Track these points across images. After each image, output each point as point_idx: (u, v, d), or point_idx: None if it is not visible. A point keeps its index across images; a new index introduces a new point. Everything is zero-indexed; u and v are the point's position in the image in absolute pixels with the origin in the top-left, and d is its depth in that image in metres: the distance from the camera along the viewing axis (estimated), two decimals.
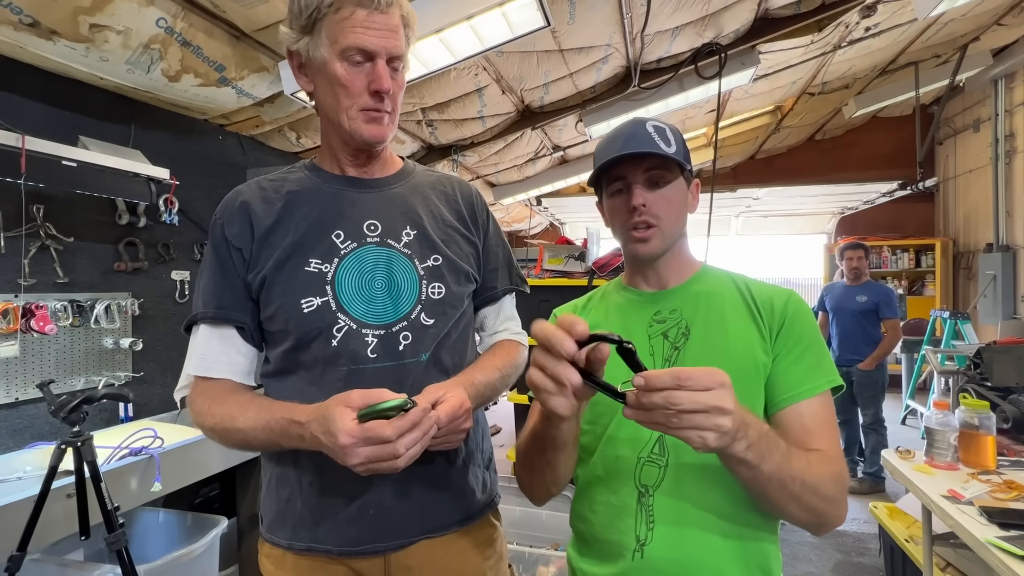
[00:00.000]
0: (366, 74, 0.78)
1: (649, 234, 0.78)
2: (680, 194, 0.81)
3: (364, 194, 0.87)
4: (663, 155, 0.76)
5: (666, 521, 0.73)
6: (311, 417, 0.69)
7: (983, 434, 1.56)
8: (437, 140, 3.48)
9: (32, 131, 1.68)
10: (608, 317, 0.86)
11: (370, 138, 0.82)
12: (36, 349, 1.84)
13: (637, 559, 0.73)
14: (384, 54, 0.78)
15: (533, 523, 2.35)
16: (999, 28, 4.17)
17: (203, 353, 0.82)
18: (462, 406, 0.75)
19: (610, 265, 2.52)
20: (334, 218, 0.84)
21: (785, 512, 0.67)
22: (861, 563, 2.65)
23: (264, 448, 0.79)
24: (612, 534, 0.76)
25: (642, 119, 0.81)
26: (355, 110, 0.79)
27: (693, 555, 0.72)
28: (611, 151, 0.78)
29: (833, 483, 0.67)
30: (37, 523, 1.27)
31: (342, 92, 0.79)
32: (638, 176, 0.78)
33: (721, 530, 0.72)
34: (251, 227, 0.82)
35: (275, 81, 2.07)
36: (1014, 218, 4.79)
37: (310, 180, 0.88)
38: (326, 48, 0.77)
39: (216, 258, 0.83)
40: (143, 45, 1.70)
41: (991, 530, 1.20)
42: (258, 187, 0.87)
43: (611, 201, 0.83)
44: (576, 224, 7.58)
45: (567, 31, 2.45)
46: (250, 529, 2.20)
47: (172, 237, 2.32)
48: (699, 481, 0.73)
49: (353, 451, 0.65)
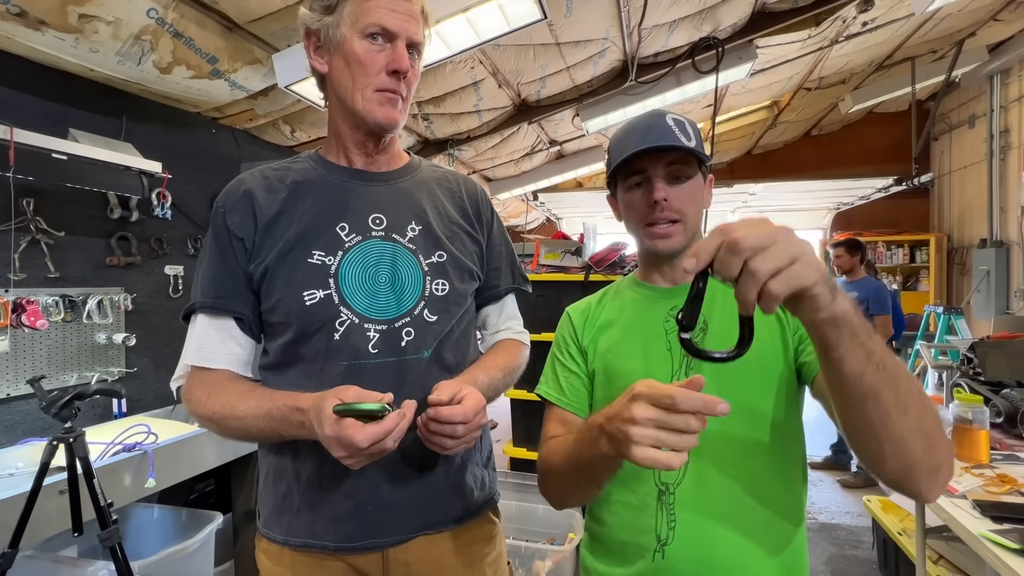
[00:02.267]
0: (386, 54, 0.78)
1: (672, 230, 0.77)
2: (699, 189, 0.80)
3: (370, 187, 0.86)
4: (686, 149, 0.74)
5: (688, 520, 0.71)
6: (311, 404, 0.69)
7: (977, 428, 1.56)
8: (433, 134, 3.46)
9: (21, 123, 1.66)
10: (624, 313, 0.85)
11: (383, 120, 0.81)
12: (27, 344, 1.82)
13: (658, 559, 0.72)
14: (405, 37, 0.79)
15: (530, 518, 2.36)
16: (995, 24, 4.17)
17: (201, 343, 0.81)
18: (480, 403, 0.75)
19: (607, 260, 2.52)
20: (339, 210, 0.83)
21: (900, 432, 0.52)
22: (854, 556, 2.67)
23: (262, 437, 0.78)
24: (631, 534, 0.75)
25: (661, 111, 0.79)
26: (370, 90, 0.79)
27: (716, 554, 0.70)
28: (630, 143, 0.75)
29: (937, 419, 0.55)
30: (29, 520, 1.26)
31: (359, 70, 0.78)
32: (659, 170, 0.76)
33: (745, 528, 0.70)
34: (254, 217, 0.81)
35: (269, 74, 2.04)
36: (1008, 214, 4.82)
37: (315, 171, 0.86)
38: (347, 27, 0.78)
39: (216, 247, 0.82)
40: (134, 36, 1.67)
41: (984, 523, 1.20)
42: (262, 176, 0.85)
43: (628, 195, 0.80)
44: (573, 219, 7.58)
45: (564, 24, 2.44)
46: (246, 524, 2.19)
47: (165, 231, 2.30)
48: (721, 478, 0.71)
49: (334, 444, 0.66)
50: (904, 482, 0.57)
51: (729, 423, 0.71)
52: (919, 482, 0.56)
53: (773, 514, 0.71)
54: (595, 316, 0.87)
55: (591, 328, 0.86)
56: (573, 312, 0.90)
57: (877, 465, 0.56)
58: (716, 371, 0.70)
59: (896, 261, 6.24)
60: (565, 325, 0.89)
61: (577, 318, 0.88)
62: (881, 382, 0.50)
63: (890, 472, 0.56)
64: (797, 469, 0.75)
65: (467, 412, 0.72)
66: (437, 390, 0.74)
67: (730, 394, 0.72)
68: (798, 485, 0.75)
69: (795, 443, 0.75)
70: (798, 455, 0.76)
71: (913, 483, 0.56)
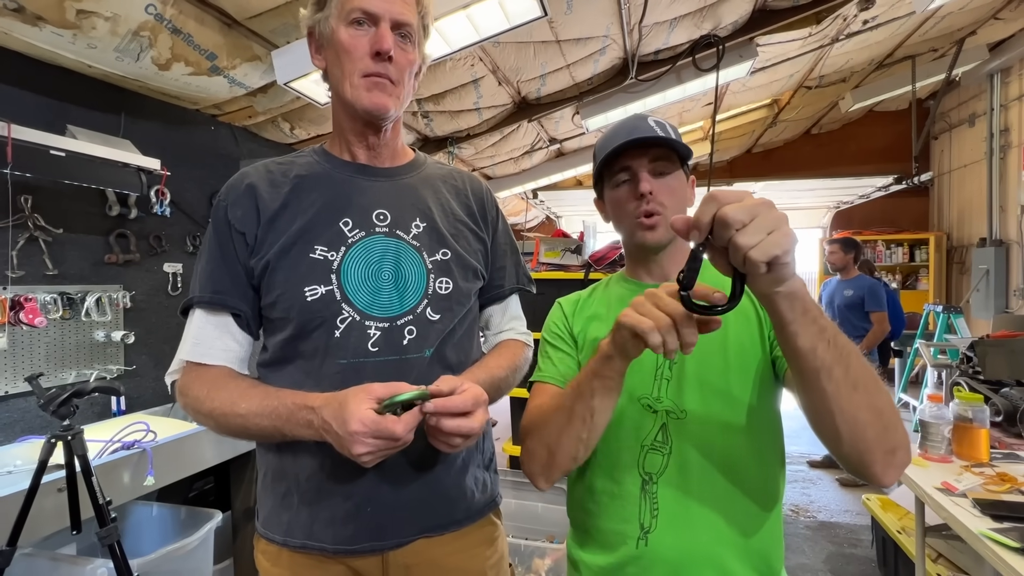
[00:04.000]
0: (369, 38, 0.77)
1: (656, 221, 0.79)
2: (682, 185, 0.83)
3: (374, 182, 0.86)
4: (668, 142, 0.78)
5: (671, 509, 0.74)
6: (325, 402, 0.68)
7: (977, 427, 1.56)
8: (433, 132, 3.45)
9: (19, 119, 1.65)
10: (611, 308, 0.86)
11: (370, 106, 0.78)
12: (26, 342, 1.81)
13: (641, 547, 0.74)
14: (388, 17, 0.77)
15: (529, 516, 2.36)
16: (996, 22, 4.17)
17: (197, 338, 0.79)
18: (480, 397, 0.73)
19: (607, 258, 2.51)
20: (343, 205, 0.82)
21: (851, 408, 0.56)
22: (853, 554, 2.67)
23: (262, 436, 0.76)
24: (615, 523, 0.77)
25: (642, 114, 0.83)
26: (357, 76, 0.78)
27: (699, 542, 0.73)
28: (615, 142, 0.79)
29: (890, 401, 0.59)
30: (27, 517, 1.26)
31: (345, 58, 0.78)
32: (643, 165, 0.80)
33: (725, 516, 0.73)
34: (257, 211, 0.80)
35: (268, 70, 2.03)
36: (1008, 213, 4.82)
37: (319, 165, 0.86)
38: (335, 18, 0.78)
39: (217, 241, 0.81)
40: (132, 32, 1.66)
41: (984, 522, 1.20)
42: (265, 170, 0.85)
43: (615, 192, 0.83)
44: (572, 217, 7.57)
45: (564, 21, 2.43)
46: (245, 523, 2.19)
47: (164, 229, 2.29)
48: (703, 468, 0.74)
49: (361, 440, 0.64)
50: (860, 464, 0.60)
51: (710, 407, 0.75)
52: (875, 463, 0.59)
53: (752, 500, 0.74)
54: (584, 308, 0.90)
55: (581, 318, 0.88)
56: (564, 303, 0.93)
57: (835, 446, 0.60)
58: (698, 360, 0.76)
59: (896, 260, 6.24)
60: (556, 314, 0.92)
61: (568, 308, 0.91)
62: (833, 358, 0.55)
63: (847, 452, 0.59)
64: (774, 453, 0.78)
65: (466, 402, 0.70)
66: (438, 382, 0.73)
67: (710, 380, 0.76)
68: (775, 468, 0.78)
69: (772, 427, 0.79)
70: (776, 440, 0.79)
71: (870, 464, 0.59)
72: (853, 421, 0.57)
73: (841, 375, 0.56)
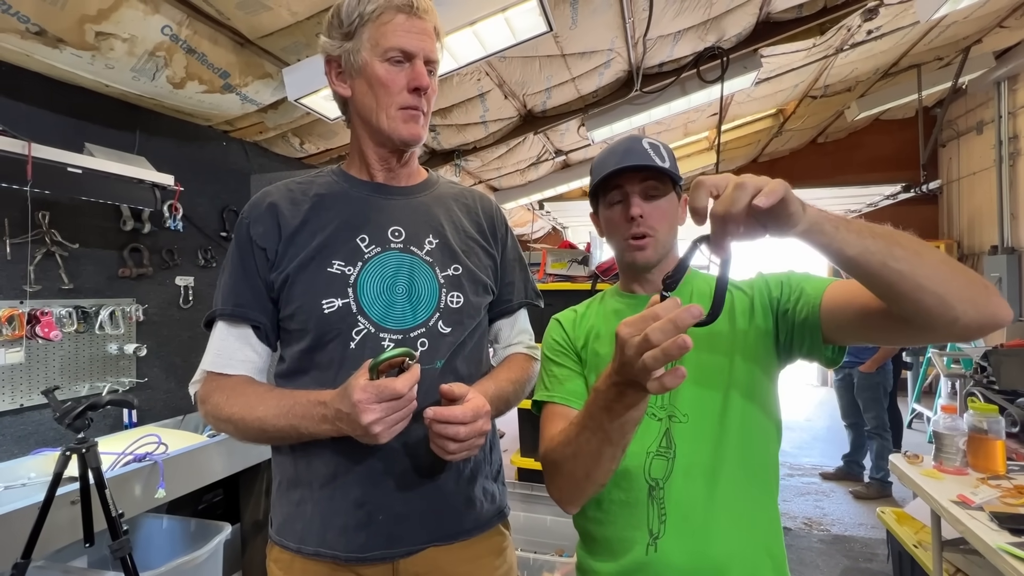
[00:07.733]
0: (406, 73, 0.82)
1: (646, 243, 0.83)
2: (673, 206, 0.86)
3: (390, 200, 0.89)
4: (659, 169, 0.82)
5: (678, 513, 0.75)
6: (333, 394, 0.72)
7: (992, 438, 1.54)
8: (440, 145, 3.49)
9: (38, 138, 1.69)
10: (606, 322, 0.89)
11: (408, 137, 0.84)
12: (41, 355, 1.84)
13: (651, 553, 0.75)
14: (422, 55, 0.83)
15: (538, 529, 2.34)
16: (1001, 30, 4.17)
17: (219, 350, 0.83)
18: (483, 407, 0.76)
19: (613, 269, 2.52)
20: (360, 222, 0.86)
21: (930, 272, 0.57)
22: (869, 568, 2.62)
23: (280, 437, 0.79)
24: (624, 530, 0.78)
25: (638, 136, 0.88)
26: (394, 109, 0.83)
27: (707, 545, 0.74)
28: (609, 164, 0.83)
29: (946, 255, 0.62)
30: (42, 530, 1.27)
31: (382, 91, 0.82)
32: (635, 188, 0.83)
33: (730, 519, 0.74)
34: (278, 227, 0.84)
35: (279, 87, 2.08)
36: (1019, 220, 4.78)
37: (338, 184, 0.90)
38: (367, 51, 0.81)
39: (239, 257, 0.85)
40: (148, 52, 1.71)
41: (1002, 536, 1.18)
42: (286, 189, 0.89)
43: (609, 212, 0.87)
44: (579, 228, 7.58)
45: (569, 36, 2.46)
46: (254, 535, 2.19)
47: (176, 243, 2.33)
48: (707, 472, 0.75)
49: (366, 407, 0.67)
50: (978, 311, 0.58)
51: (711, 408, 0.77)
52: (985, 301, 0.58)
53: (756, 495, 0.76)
54: (583, 323, 0.92)
55: (582, 333, 0.90)
56: (562, 319, 0.94)
57: (943, 313, 0.58)
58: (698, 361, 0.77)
59: None
60: (556, 330, 0.93)
61: (567, 324, 0.93)
62: (884, 245, 0.57)
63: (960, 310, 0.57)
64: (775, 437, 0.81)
65: (466, 413, 0.73)
66: (451, 385, 0.76)
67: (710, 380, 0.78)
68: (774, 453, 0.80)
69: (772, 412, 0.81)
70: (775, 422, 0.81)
71: (984, 305, 0.58)
72: (939, 281, 0.57)
73: (901, 252, 0.57)
